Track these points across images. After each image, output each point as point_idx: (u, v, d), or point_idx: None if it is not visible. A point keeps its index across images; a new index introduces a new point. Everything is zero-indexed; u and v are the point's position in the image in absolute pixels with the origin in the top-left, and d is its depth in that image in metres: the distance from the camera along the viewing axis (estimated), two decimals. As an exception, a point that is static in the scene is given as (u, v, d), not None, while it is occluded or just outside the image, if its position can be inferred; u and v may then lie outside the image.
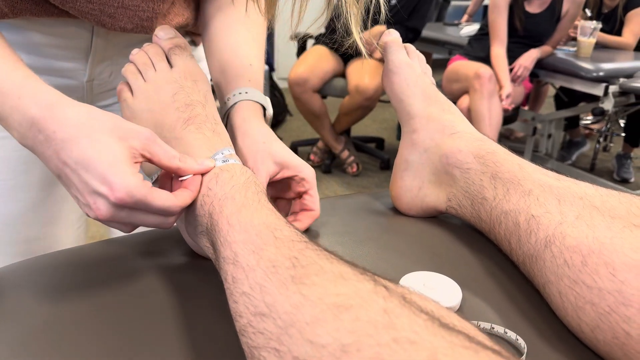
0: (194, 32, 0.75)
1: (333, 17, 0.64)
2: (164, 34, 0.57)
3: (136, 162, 0.45)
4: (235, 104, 0.61)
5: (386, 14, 0.58)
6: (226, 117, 0.62)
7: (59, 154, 0.44)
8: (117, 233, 0.85)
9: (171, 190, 0.48)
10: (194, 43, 0.79)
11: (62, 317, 0.44)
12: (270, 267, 0.36)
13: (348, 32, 0.62)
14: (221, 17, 0.68)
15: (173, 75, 0.54)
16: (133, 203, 0.43)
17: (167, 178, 0.50)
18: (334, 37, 0.62)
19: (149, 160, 0.46)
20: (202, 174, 0.47)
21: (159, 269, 0.52)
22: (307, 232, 0.60)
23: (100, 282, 0.49)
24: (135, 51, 0.56)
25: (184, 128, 0.51)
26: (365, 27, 0.59)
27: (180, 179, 0.47)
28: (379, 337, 0.28)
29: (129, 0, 0.61)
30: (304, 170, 0.57)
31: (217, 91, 0.67)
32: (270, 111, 0.64)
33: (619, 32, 3.05)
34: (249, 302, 0.35)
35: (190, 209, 0.47)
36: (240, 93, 0.62)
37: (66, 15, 0.61)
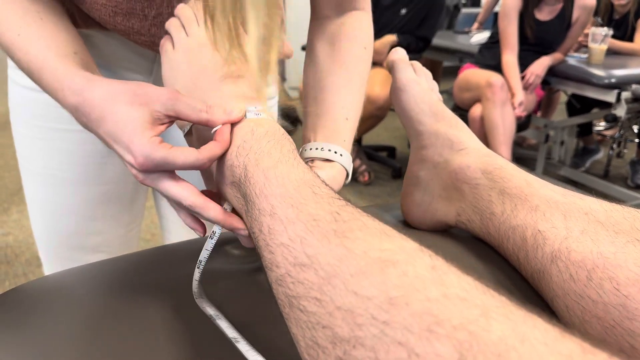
0: None
1: None
2: (195, 3, 0.57)
3: (162, 124, 0.47)
4: (327, 160, 0.61)
5: None
6: (306, 159, 0.62)
7: (98, 132, 0.48)
8: (170, 239, 0.89)
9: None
10: None
11: (105, 326, 0.46)
12: (310, 220, 0.35)
13: None
14: (326, 49, 0.69)
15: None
16: (154, 166, 0.45)
17: (203, 129, 0.50)
18: None
19: (176, 118, 0.47)
20: (232, 124, 0.47)
21: (207, 278, 0.53)
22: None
23: (146, 291, 0.51)
24: (180, 6, 0.56)
25: (220, 81, 0.51)
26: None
27: (212, 130, 0.48)
28: (428, 292, 0.28)
29: None
30: None
31: (305, 122, 0.67)
32: (348, 180, 0.64)
33: (630, 38, 3.03)
34: (287, 253, 0.34)
35: (222, 159, 0.47)
36: (336, 153, 0.61)
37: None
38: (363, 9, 0.71)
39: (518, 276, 0.54)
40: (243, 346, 0.42)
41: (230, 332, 0.44)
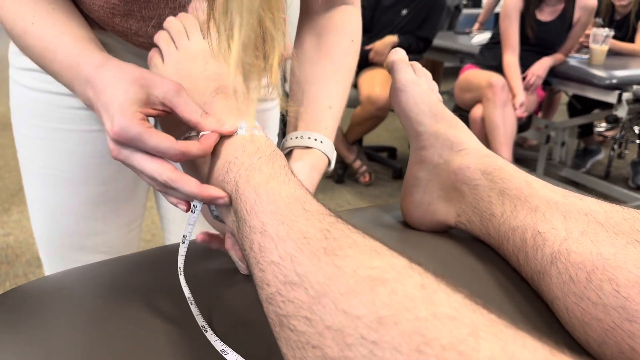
0: None
1: None
2: (200, 4, 0.57)
3: (154, 110, 0.48)
4: (307, 147, 0.62)
5: None
6: (287, 149, 0.62)
7: (97, 104, 0.49)
8: (170, 240, 0.89)
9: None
10: None
11: (105, 326, 0.46)
12: (301, 238, 0.35)
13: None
14: (313, 42, 0.69)
15: (205, 45, 0.53)
16: (128, 140, 0.45)
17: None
18: None
19: (171, 110, 0.48)
20: (223, 138, 0.47)
21: (201, 280, 0.53)
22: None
23: (146, 292, 0.51)
24: (170, 19, 0.56)
25: (212, 96, 0.51)
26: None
27: (199, 135, 0.48)
28: (417, 311, 0.28)
29: None
30: None
31: (289, 113, 0.67)
32: (331, 167, 0.64)
33: (631, 39, 3.03)
34: (278, 271, 0.35)
35: (214, 175, 0.47)
36: (316, 140, 0.62)
37: None
38: (352, 3, 0.71)
39: (518, 277, 0.54)
40: (211, 336, 0.43)
41: (200, 319, 0.45)
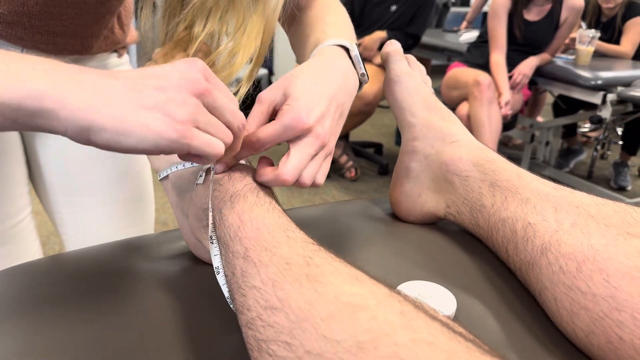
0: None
1: None
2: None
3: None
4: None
5: None
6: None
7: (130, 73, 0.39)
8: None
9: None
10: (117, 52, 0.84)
11: (54, 327, 0.45)
12: (283, 264, 0.36)
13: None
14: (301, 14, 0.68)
15: None
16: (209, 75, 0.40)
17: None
18: None
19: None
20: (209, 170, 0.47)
21: (156, 274, 0.53)
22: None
23: (94, 289, 0.50)
24: None
25: None
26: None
27: (197, 182, 0.48)
28: (397, 337, 0.28)
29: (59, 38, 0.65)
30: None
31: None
32: (353, 52, 0.61)
33: (617, 41, 3.07)
34: (259, 296, 0.35)
35: (198, 202, 0.48)
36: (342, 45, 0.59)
37: None
38: None
39: (505, 269, 0.55)
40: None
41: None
